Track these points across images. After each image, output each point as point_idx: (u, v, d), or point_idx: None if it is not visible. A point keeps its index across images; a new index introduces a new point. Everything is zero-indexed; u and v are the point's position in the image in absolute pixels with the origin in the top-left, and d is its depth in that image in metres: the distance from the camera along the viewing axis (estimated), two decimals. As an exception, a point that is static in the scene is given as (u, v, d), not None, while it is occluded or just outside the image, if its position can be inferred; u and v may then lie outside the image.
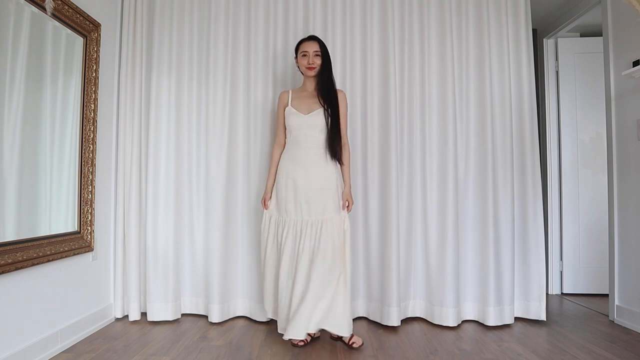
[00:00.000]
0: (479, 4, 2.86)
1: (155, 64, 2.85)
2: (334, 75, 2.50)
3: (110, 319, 2.73)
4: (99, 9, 2.60)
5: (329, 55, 2.44)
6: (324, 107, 2.38)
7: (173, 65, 2.86)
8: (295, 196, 2.35)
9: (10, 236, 1.89)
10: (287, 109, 2.44)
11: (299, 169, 2.36)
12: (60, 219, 2.26)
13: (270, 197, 2.47)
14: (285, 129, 2.48)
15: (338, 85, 2.64)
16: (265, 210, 2.48)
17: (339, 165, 2.42)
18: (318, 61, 2.40)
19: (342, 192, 2.41)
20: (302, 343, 2.30)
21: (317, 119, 2.37)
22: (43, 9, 2.02)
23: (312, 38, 2.45)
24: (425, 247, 2.80)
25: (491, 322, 2.67)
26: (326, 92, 2.40)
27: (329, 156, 2.38)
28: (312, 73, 2.41)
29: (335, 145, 2.37)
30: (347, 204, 2.40)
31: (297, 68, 2.57)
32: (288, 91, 2.51)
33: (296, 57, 2.48)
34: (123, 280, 2.78)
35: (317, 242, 2.29)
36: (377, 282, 2.72)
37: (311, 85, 2.48)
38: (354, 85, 2.82)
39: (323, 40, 2.52)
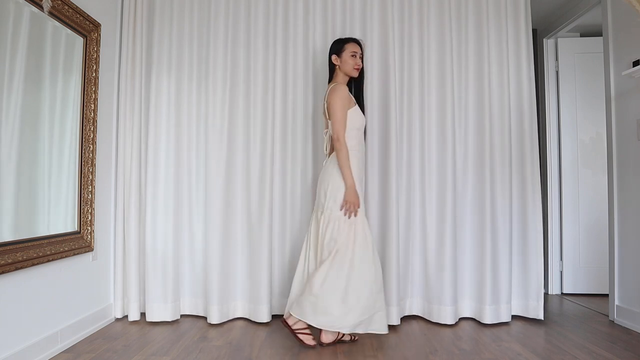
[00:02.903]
0: (478, 4, 2.86)
1: (155, 64, 2.85)
2: None
3: (110, 319, 2.73)
4: (99, 9, 2.60)
5: None
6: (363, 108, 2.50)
7: (173, 65, 2.86)
8: (363, 193, 2.47)
9: (10, 236, 1.89)
10: (354, 107, 2.38)
11: (363, 166, 2.47)
12: (60, 219, 2.27)
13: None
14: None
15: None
16: (361, 214, 2.32)
17: None
18: (361, 64, 2.45)
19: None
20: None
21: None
22: (41, 7, 2.02)
23: (358, 41, 2.47)
24: (424, 246, 2.81)
25: (487, 320, 2.69)
26: (363, 93, 2.54)
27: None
28: (357, 74, 2.45)
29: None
30: None
31: (332, 65, 2.45)
32: (346, 87, 2.40)
33: (338, 54, 2.41)
34: (123, 280, 2.78)
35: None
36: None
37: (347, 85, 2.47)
38: (354, 85, 2.83)
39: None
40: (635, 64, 2.62)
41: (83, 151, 2.42)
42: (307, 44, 2.86)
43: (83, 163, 2.42)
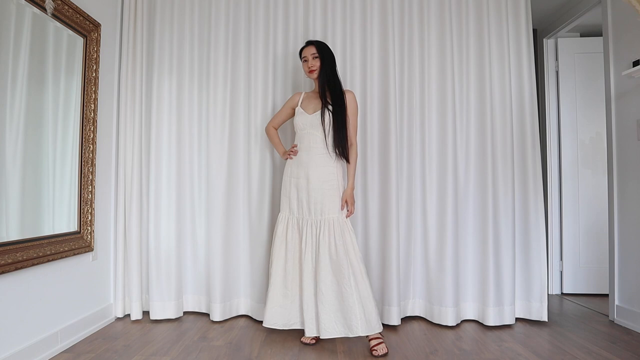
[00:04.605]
0: (479, 4, 2.86)
1: (156, 65, 2.85)
2: (339, 74, 2.48)
3: (110, 318, 2.73)
4: (99, 9, 2.60)
5: (330, 56, 2.44)
6: (325, 106, 2.38)
7: (174, 66, 2.86)
8: (297, 195, 2.38)
9: (11, 236, 1.89)
10: (296, 109, 2.49)
11: (301, 168, 2.39)
12: (61, 219, 2.27)
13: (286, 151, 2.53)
14: (281, 118, 2.62)
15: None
16: (280, 213, 2.47)
17: (344, 166, 2.43)
18: (317, 63, 2.41)
19: (343, 192, 2.38)
20: (313, 341, 2.36)
21: (320, 119, 2.38)
22: (44, 9, 2.02)
23: (309, 43, 2.48)
24: (425, 247, 2.80)
25: (491, 322, 2.67)
26: (324, 90, 2.40)
27: (334, 155, 2.38)
28: (314, 76, 2.43)
29: (341, 144, 2.36)
30: (346, 205, 2.37)
31: (304, 72, 2.59)
32: (301, 93, 2.56)
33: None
34: (123, 279, 2.78)
35: (318, 244, 2.29)
36: (377, 282, 2.72)
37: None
38: (354, 85, 2.82)
39: (324, 41, 2.56)
40: (635, 64, 2.62)
41: (83, 151, 2.42)
42: (308, 44, 2.86)
43: (83, 163, 2.43)
